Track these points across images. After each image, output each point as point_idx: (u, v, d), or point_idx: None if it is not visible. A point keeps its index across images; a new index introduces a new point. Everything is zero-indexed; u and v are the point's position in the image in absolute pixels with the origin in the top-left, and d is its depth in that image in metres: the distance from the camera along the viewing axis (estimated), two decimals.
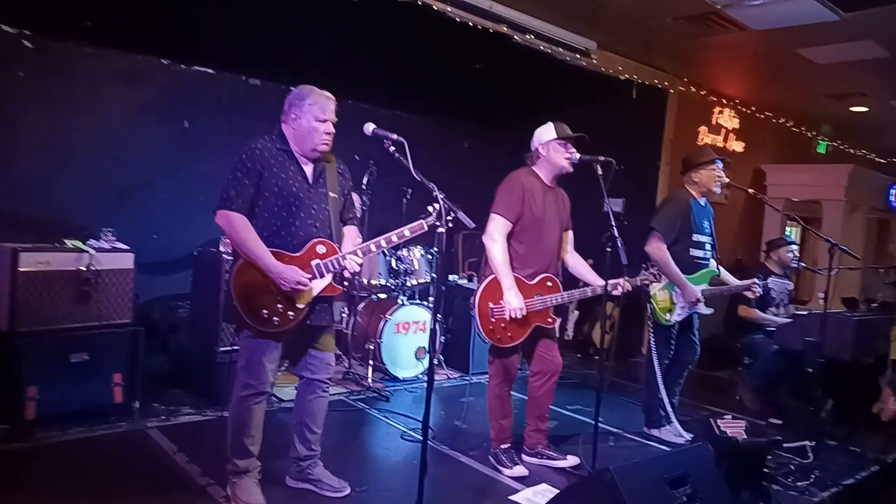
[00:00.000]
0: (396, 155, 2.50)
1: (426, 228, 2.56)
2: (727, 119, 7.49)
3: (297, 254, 2.60)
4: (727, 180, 4.00)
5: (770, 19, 4.95)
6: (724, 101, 7.43)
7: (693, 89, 6.97)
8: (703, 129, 7.24)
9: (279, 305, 2.56)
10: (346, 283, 2.86)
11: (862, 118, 7.98)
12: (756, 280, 4.11)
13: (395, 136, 2.50)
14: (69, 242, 3.44)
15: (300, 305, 2.60)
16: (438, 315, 5.02)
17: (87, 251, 3.42)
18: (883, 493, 3.63)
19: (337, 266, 2.64)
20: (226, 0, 4.31)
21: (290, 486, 2.90)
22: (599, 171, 3.23)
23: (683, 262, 3.81)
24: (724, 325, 4.99)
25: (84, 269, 3.39)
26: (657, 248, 3.76)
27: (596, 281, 3.37)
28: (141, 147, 5.01)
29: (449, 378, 5.04)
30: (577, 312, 6.80)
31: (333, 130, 2.65)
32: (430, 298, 5.18)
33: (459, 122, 7.30)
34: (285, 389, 4.02)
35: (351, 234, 2.85)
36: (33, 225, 4.10)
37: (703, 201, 3.97)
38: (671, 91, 6.79)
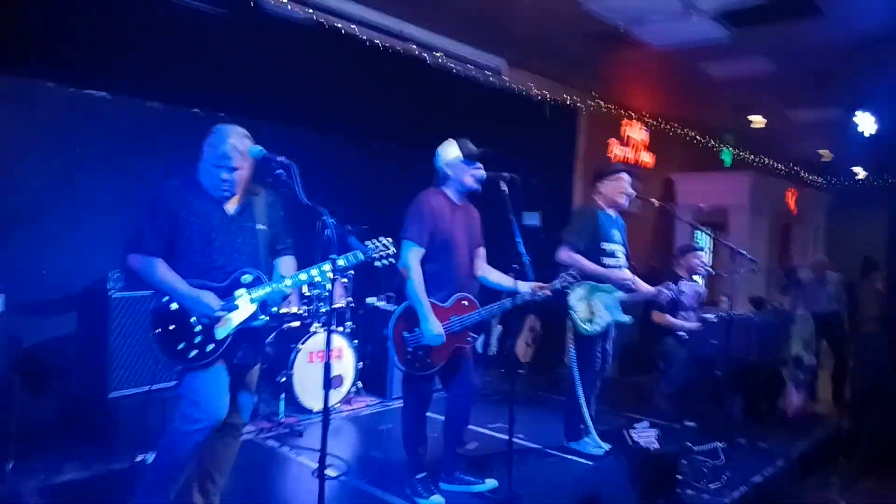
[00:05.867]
0: (283, 178, 2.38)
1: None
2: (636, 132, 7.76)
3: (221, 285, 2.50)
4: (632, 192, 4.07)
5: (669, 37, 5.15)
6: (633, 114, 7.69)
7: (603, 103, 7.17)
8: (613, 141, 7.45)
9: (196, 338, 2.45)
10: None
11: (761, 129, 8.46)
12: (661, 288, 4.19)
13: (281, 159, 2.40)
14: None
15: (220, 335, 2.47)
16: (355, 341, 4.88)
17: None
18: (790, 488, 3.75)
19: (262, 294, 2.52)
20: (122, 20, 4.08)
21: None
22: (504, 188, 3.21)
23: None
24: (640, 330, 5.09)
25: None
26: (567, 256, 3.80)
27: (510, 288, 3.33)
28: (26, 176, 4.63)
29: (368, 405, 4.88)
30: (500, 327, 6.79)
31: (233, 176, 2.52)
32: (348, 324, 5.03)
33: (378, 142, 7.21)
34: None
35: (287, 264, 2.75)
36: None
37: (612, 213, 4.03)
38: (582, 106, 6.96)
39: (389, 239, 2.64)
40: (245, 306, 2.51)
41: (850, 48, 5.14)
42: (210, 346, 2.47)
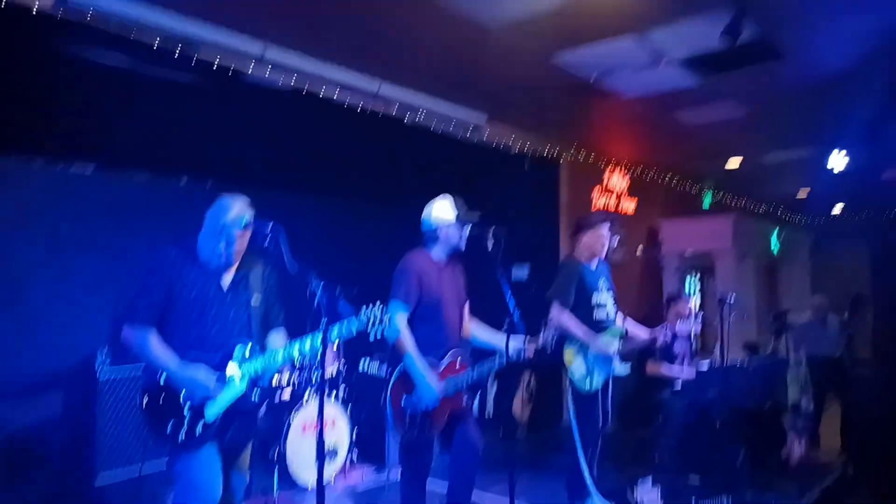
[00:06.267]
0: (272, 245, 2.39)
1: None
2: (617, 180, 7.88)
3: (213, 359, 2.46)
4: (614, 242, 4.09)
5: (640, 87, 5.30)
6: (613, 162, 7.83)
7: (583, 154, 7.31)
8: (595, 191, 7.56)
9: (185, 420, 2.39)
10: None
11: (738, 171, 8.63)
12: (656, 331, 4.15)
13: (268, 226, 2.42)
14: None
15: (209, 418, 2.41)
16: (349, 407, 4.77)
17: None
18: None
19: (253, 369, 2.48)
20: (106, 96, 4.12)
21: None
22: (491, 243, 3.22)
23: (588, 326, 3.82)
24: (635, 383, 5.03)
25: None
26: (556, 315, 3.78)
27: (501, 345, 3.29)
28: (11, 255, 4.58)
29: (363, 478, 4.71)
30: (495, 384, 6.69)
31: (231, 248, 2.53)
32: (341, 387, 4.92)
33: (361, 201, 7.26)
34: None
35: (279, 338, 2.73)
36: None
37: (593, 264, 4.04)
38: (562, 158, 7.08)
39: (382, 307, 2.62)
40: (237, 382, 2.46)
41: (814, 88, 5.32)
42: (200, 427, 2.41)
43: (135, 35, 3.93)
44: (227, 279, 2.58)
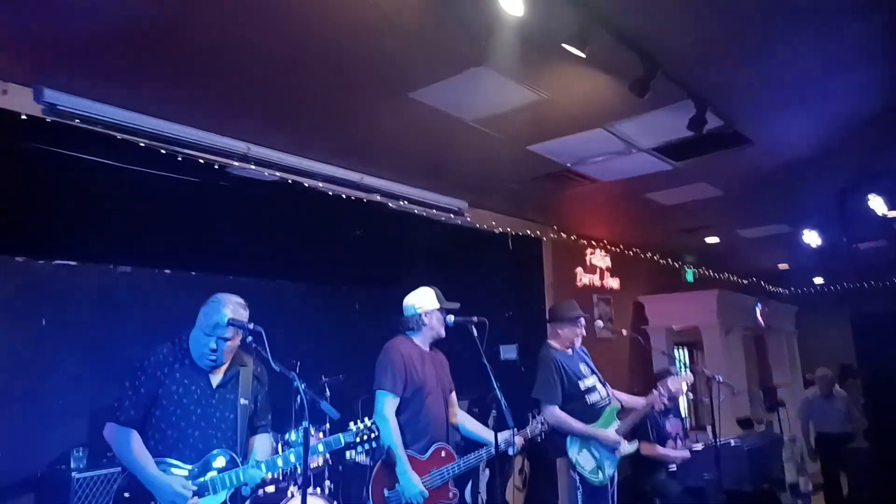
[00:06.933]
0: (254, 346, 2.38)
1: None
2: (599, 259, 8.01)
3: (193, 465, 2.40)
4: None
5: (614, 172, 5.49)
6: (594, 242, 7.98)
7: (564, 235, 7.46)
8: (579, 269, 7.66)
9: None
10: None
11: (717, 247, 8.82)
12: (654, 392, 4.09)
13: (251, 326, 2.40)
14: None
15: None
16: (335, 503, 4.59)
17: None
18: None
19: (235, 480, 2.39)
20: (90, 190, 4.19)
21: None
22: (475, 332, 3.23)
23: (586, 414, 3.76)
24: (630, 465, 4.91)
25: None
26: (550, 415, 3.70)
27: (489, 438, 3.24)
28: None
29: None
30: (487, 471, 6.50)
31: (221, 346, 2.50)
32: (326, 483, 4.75)
33: (346, 284, 7.28)
34: None
35: (263, 444, 2.68)
36: None
37: (570, 351, 4.02)
38: (544, 238, 7.22)
39: (373, 423, 2.62)
40: (216, 493, 2.38)
41: (783, 170, 5.53)
42: None
43: (121, 136, 4.05)
44: (217, 377, 2.55)
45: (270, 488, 4.51)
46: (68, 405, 4.31)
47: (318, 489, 4.61)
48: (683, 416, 5.21)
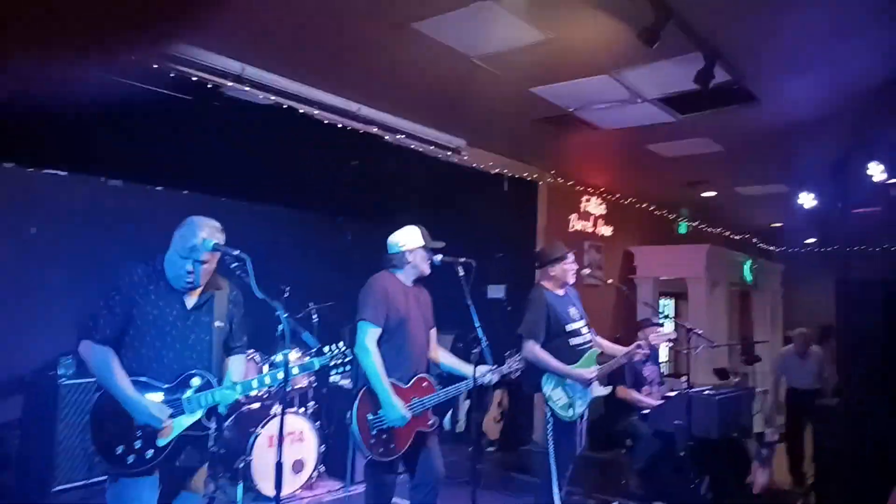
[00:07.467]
0: (238, 272, 2.40)
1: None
2: (594, 206, 8.01)
3: (168, 385, 2.43)
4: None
5: (616, 120, 5.42)
6: (590, 189, 7.96)
7: (560, 180, 7.43)
8: (573, 216, 7.67)
9: (136, 442, 2.35)
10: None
11: (713, 201, 8.82)
12: (639, 344, 4.20)
13: (236, 253, 2.42)
14: None
15: (161, 443, 2.38)
16: (317, 422, 4.77)
17: None
18: None
19: (210, 400, 2.45)
20: (84, 101, 4.09)
21: None
22: (461, 272, 3.27)
23: (566, 354, 3.84)
24: (605, 406, 5.09)
25: None
26: (530, 352, 3.77)
27: (468, 372, 3.34)
28: None
29: (330, 492, 4.72)
30: (468, 401, 6.73)
31: (198, 269, 2.49)
32: (310, 404, 4.92)
33: (340, 215, 7.29)
34: None
35: (238, 364, 2.71)
36: None
37: (562, 291, 4.09)
38: (540, 182, 7.19)
39: (345, 346, 2.67)
40: (191, 413, 2.44)
41: (786, 131, 5.48)
42: (150, 453, 2.37)
43: None
44: (192, 299, 2.56)
45: (255, 405, 4.67)
46: (56, 315, 4.37)
47: (303, 409, 4.78)
48: (662, 363, 5.35)
